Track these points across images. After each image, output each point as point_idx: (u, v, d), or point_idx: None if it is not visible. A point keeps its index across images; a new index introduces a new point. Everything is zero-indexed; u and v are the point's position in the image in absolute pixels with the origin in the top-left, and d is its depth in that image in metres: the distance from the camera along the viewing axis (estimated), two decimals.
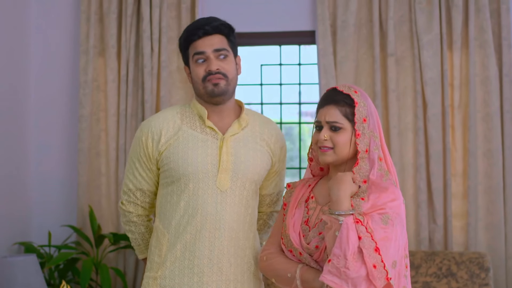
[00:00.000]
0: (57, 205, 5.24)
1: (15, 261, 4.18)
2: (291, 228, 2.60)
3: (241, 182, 2.78)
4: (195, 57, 2.76)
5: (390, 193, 2.47)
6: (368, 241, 2.37)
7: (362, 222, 2.41)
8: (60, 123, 5.28)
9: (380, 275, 2.37)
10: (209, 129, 2.78)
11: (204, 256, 2.74)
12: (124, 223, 2.94)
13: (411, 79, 4.90)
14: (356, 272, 2.35)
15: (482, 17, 4.80)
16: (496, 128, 4.79)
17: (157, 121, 2.80)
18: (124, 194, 2.89)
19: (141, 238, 2.93)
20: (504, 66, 4.80)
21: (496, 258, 4.78)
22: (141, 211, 2.88)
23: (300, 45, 5.27)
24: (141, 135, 2.80)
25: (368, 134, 2.54)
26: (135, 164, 2.82)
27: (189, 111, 2.83)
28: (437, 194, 4.81)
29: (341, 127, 2.53)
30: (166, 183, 2.79)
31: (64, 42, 5.28)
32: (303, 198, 2.66)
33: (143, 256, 2.98)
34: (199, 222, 2.73)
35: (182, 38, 2.81)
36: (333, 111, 2.55)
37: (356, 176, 2.51)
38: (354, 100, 2.54)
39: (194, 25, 2.79)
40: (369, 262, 2.35)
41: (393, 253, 2.41)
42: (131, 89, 5.08)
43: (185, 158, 2.73)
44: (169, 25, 5.08)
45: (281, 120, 5.30)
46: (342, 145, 2.54)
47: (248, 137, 2.84)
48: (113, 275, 5.02)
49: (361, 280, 2.36)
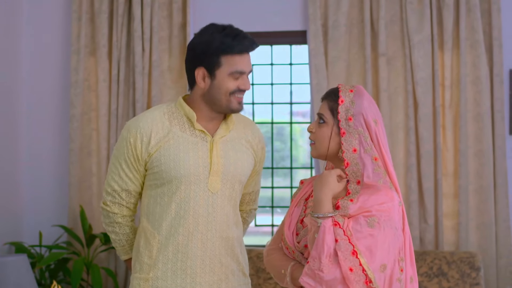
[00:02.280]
0: (48, 205, 5.23)
1: (5, 261, 4.17)
2: (287, 226, 2.60)
3: (230, 184, 2.81)
4: (234, 75, 2.74)
5: (381, 196, 2.42)
6: (345, 244, 2.34)
7: (340, 225, 2.38)
8: (51, 123, 5.27)
9: (357, 278, 2.33)
10: (199, 131, 2.79)
11: (197, 257, 2.75)
12: (107, 224, 2.90)
13: (402, 79, 4.91)
14: (330, 274, 2.33)
15: (473, 17, 4.81)
16: (487, 128, 4.80)
17: (145, 122, 2.78)
18: (107, 195, 2.85)
19: (125, 239, 2.91)
20: (495, 66, 4.82)
21: (487, 258, 4.80)
22: (126, 211, 2.86)
23: (292, 45, 5.28)
24: (129, 136, 2.77)
25: (355, 133, 2.51)
26: (121, 165, 2.80)
27: (176, 112, 2.82)
28: (428, 194, 4.82)
29: (325, 121, 2.54)
30: (155, 184, 2.78)
31: (55, 42, 5.27)
32: (304, 196, 2.66)
33: (127, 257, 2.96)
34: (191, 224, 2.74)
35: (218, 44, 2.73)
36: (324, 104, 2.57)
37: (350, 177, 2.50)
38: (340, 97, 2.53)
39: (239, 37, 2.75)
40: (344, 265, 2.33)
41: (382, 257, 2.37)
42: (122, 88, 5.07)
43: (177, 160, 2.73)
44: (160, 24, 5.07)
45: (272, 120, 5.30)
46: (321, 139, 2.54)
47: (235, 139, 2.85)
48: (104, 275, 5.02)
49: (336, 283, 2.34)
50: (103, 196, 2.87)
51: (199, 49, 2.74)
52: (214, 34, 2.72)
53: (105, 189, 2.85)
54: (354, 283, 2.33)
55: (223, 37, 2.71)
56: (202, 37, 2.75)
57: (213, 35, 2.72)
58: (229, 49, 2.70)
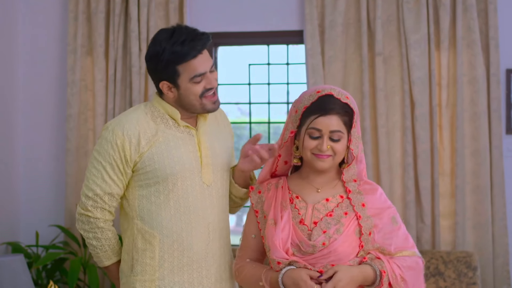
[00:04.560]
0: (44, 205, 5.23)
1: (2, 261, 4.17)
2: (277, 244, 2.60)
3: (220, 174, 2.84)
4: (195, 79, 2.73)
5: (377, 196, 2.66)
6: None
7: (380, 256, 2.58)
8: (48, 122, 5.27)
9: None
10: (184, 127, 2.80)
11: (202, 250, 2.77)
12: (87, 230, 2.82)
13: (399, 78, 4.91)
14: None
15: (470, 17, 4.81)
16: (483, 127, 4.81)
17: (131, 123, 2.75)
18: (88, 200, 2.78)
19: (107, 244, 2.84)
20: (491, 66, 4.82)
21: (484, 257, 4.79)
22: (108, 215, 2.81)
23: (288, 44, 5.27)
24: (115, 138, 2.73)
25: (357, 138, 2.63)
26: (105, 168, 2.75)
27: (156, 111, 2.82)
28: (424, 193, 4.82)
29: (342, 137, 2.59)
30: (147, 184, 2.77)
31: (52, 42, 5.27)
32: (284, 201, 2.68)
33: (110, 262, 2.89)
34: (193, 218, 2.76)
35: (168, 55, 2.71)
36: (336, 121, 2.58)
37: (346, 177, 2.64)
38: (354, 110, 2.60)
39: (187, 41, 2.71)
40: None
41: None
42: (119, 88, 5.07)
43: (171, 157, 2.74)
44: (157, 24, 5.07)
45: (269, 120, 5.30)
46: (342, 152, 2.61)
47: (214, 128, 2.89)
48: (101, 275, 5.01)
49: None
50: (82, 202, 2.79)
51: (154, 62, 2.73)
52: (163, 43, 2.70)
53: (85, 194, 2.78)
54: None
55: (172, 46, 2.68)
56: (154, 48, 2.72)
57: (162, 45, 2.70)
58: (181, 58, 2.69)
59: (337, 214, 2.60)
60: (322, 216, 2.60)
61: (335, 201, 2.64)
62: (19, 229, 5.20)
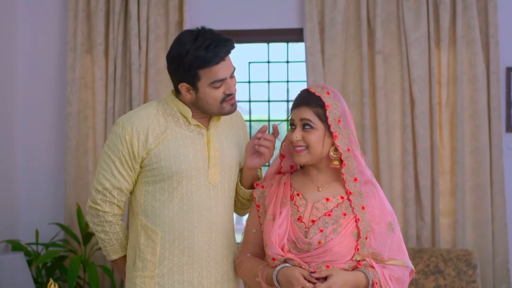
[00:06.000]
0: (44, 203, 5.23)
1: (2, 259, 4.18)
2: (273, 240, 2.62)
3: (228, 176, 2.84)
4: (215, 84, 2.72)
5: (378, 200, 2.67)
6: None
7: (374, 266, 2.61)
8: (48, 121, 5.26)
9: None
10: (194, 126, 2.80)
11: (203, 251, 2.77)
12: (96, 224, 2.85)
13: (398, 76, 4.91)
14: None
15: (470, 15, 4.81)
16: (483, 125, 4.81)
17: (140, 119, 2.78)
18: (97, 193, 2.81)
19: (115, 238, 2.88)
20: (491, 64, 4.82)
21: (483, 255, 4.80)
22: (117, 210, 2.84)
23: (288, 42, 5.27)
24: (124, 133, 2.76)
25: (345, 134, 2.63)
26: (115, 162, 2.78)
27: (169, 108, 2.83)
28: (424, 191, 4.83)
29: (313, 127, 2.62)
30: (153, 181, 2.78)
31: (52, 40, 5.26)
32: (285, 198, 2.69)
33: (116, 256, 2.92)
34: (195, 218, 2.76)
35: (191, 59, 2.71)
36: (306, 111, 2.63)
37: (346, 176, 2.64)
38: (325, 103, 2.62)
39: (211, 47, 2.71)
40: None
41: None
42: (119, 87, 5.07)
43: (177, 156, 2.75)
44: (157, 22, 5.07)
45: (269, 118, 5.31)
46: (315, 144, 2.62)
47: (227, 128, 2.90)
48: (101, 273, 5.02)
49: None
50: (92, 195, 2.83)
51: (176, 64, 2.73)
52: (187, 46, 2.69)
53: (95, 188, 2.82)
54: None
55: (196, 50, 2.68)
56: (177, 50, 2.72)
57: (186, 48, 2.69)
58: (204, 63, 2.69)
59: (336, 214, 2.61)
60: (320, 215, 2.62)
61: (335, 201, 2.65)
62: (19, 227, 5.20)
